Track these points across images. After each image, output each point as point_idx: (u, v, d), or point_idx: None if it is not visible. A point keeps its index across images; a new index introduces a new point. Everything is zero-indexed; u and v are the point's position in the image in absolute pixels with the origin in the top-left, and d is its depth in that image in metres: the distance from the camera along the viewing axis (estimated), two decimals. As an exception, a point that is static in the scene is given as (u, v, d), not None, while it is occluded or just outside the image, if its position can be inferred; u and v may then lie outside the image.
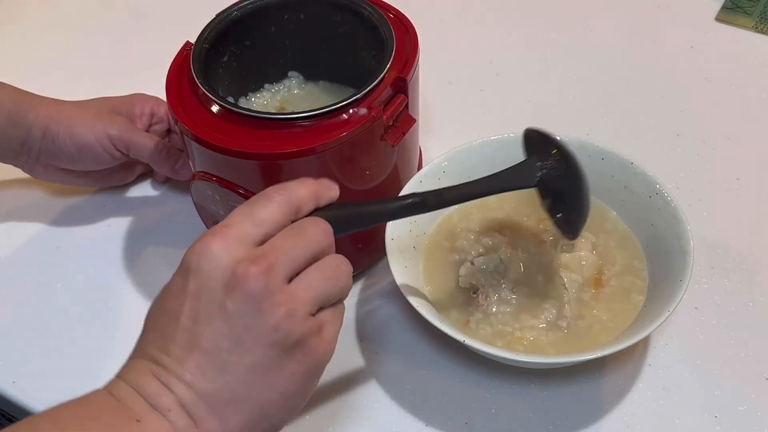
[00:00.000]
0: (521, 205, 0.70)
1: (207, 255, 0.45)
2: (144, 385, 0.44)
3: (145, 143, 0.73)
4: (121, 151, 0.73)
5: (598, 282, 0.65)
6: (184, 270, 0.45)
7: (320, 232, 0.48)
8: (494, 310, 0.63)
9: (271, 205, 0.47)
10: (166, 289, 0.46)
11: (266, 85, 0.73)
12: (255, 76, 0.73)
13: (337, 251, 0.49)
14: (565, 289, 0.64)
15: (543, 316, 0.63)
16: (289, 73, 0.74)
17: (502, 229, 0.68)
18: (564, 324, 0.62)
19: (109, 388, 0.45)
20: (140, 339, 0.47)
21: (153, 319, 0.46)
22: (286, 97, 0.73)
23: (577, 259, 0.65)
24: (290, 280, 0.46)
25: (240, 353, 0.44)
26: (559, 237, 0.67)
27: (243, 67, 0.71)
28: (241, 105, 0.68)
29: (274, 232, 0.47)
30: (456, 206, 0.70)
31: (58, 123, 0.72)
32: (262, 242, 0.46)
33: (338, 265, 0.48)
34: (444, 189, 0.58)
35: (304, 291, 0.46)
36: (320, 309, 0.47)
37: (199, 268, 0.45)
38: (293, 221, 0.48)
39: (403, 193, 0.66)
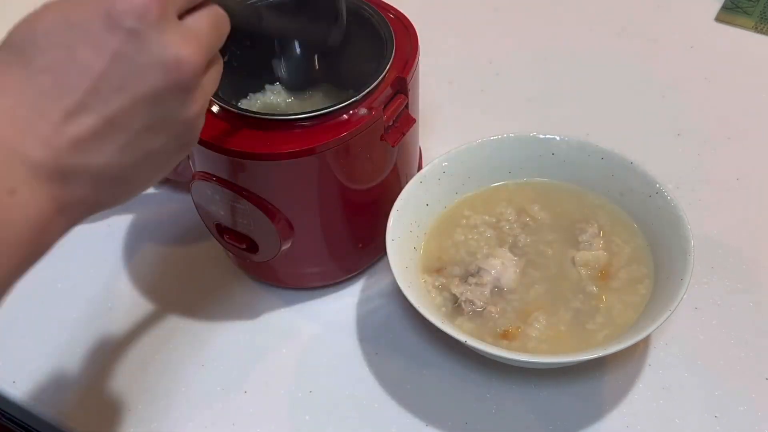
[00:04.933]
0: (526, 203, 0.70)
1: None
2: None
3: None
4: None
5: (605, 275, 0.64)
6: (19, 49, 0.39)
7: None
8: (492, 310, 0.63)
9: None
10: None
11: (267, 86, 0.73)
12: (255, 76, 0.73)
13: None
14: (570, 287, 0.64)
15: (544, 316, 0.63)
16: (290, 74, 0.74)
17: (502, 227, 0.68)
18: (566, 325, 0.62)
19: None
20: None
21: None
22: (286, 98, 0.73)
23: (591, 257, 0.65)
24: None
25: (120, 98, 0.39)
26: (560, 236, 0.67)
27: (243, 67, 0.70)
28: (241, 105, 0.68)
29: None
30: (455, 204, 0.70)
31: None
32: None
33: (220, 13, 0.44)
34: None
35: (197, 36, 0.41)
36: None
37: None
38: None
39: (401, 194, 0.66)
